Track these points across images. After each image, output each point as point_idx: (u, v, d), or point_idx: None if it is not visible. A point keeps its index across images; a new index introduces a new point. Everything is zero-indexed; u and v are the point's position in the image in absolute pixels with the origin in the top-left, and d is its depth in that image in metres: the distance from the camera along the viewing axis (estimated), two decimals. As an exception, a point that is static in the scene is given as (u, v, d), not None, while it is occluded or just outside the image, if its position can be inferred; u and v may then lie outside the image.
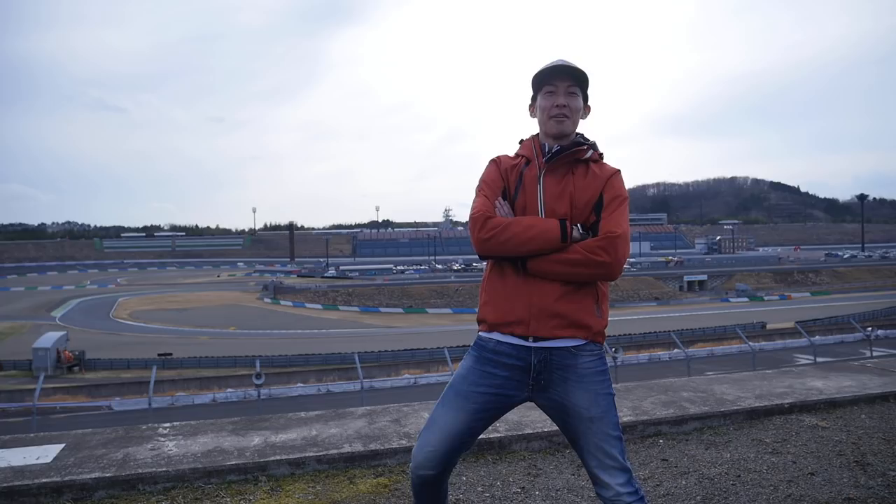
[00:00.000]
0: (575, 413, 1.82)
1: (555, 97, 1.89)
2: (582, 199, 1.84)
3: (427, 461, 1.85)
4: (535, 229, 1.79)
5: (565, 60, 1.91)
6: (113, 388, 25.86)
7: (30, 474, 2.84)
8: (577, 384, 1.81)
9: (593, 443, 1.81)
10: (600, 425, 1.80)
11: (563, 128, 1.89)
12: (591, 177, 1.87)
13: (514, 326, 1.82)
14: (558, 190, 1.85)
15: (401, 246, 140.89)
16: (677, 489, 2.88)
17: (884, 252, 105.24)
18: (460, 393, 1.87)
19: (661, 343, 31.01)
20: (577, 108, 1.90)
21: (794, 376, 4.77)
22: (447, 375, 20.66)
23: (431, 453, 1.85)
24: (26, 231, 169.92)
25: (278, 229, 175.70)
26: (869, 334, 25.56)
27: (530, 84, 1.96)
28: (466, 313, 56.44)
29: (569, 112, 1.88)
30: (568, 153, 1.87)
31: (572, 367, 1.82)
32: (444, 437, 1.84)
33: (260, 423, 3.71)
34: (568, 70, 1.88)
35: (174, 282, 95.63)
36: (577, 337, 1.81)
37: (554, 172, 1.87)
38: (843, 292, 64.79)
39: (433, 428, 1.87)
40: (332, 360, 31.66)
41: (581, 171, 1.88)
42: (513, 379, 1.84)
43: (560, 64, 1.89)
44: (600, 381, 1.83)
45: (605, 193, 1.85)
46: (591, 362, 1.83)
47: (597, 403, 1.81)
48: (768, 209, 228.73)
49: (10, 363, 34.35)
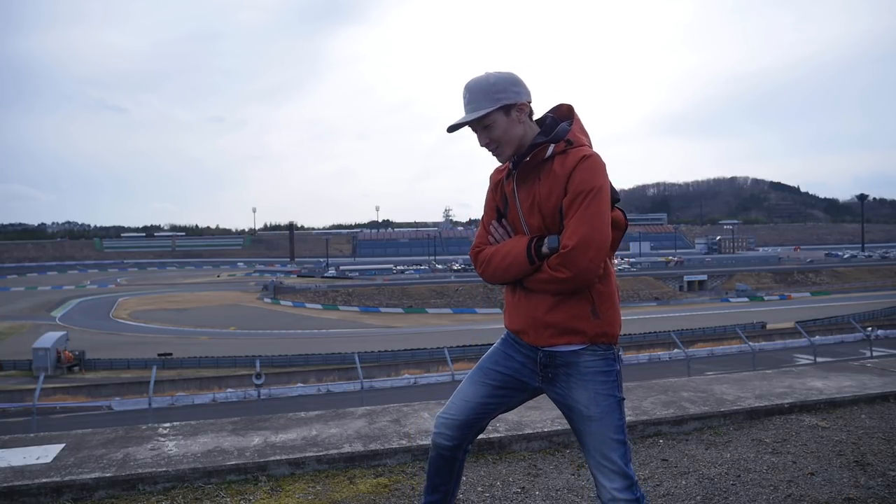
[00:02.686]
0: (576, 410, 1.83)
1: (479, 138, 1.85)
2: (548, 206, 1.78)
3: (444, 426, 1.97)
4: (509, 257, 1.84)
5: (467, 94, 1.81)
6: (113, 388, 25.86)
7: (30, 474, 2.84)
8: (579, 381, 1.82)
9: (592, 443, 1.82)
10: (600, 426, 1.80)
11: (503, 157, 1.86)
12: (552, 177, 1.77)
13: (519, 334, 1.91)
14: (528, 202, 1.83)
15: (401, 246, 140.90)
16: (677, 489, 2.88)
17: (884, 252, 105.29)
18: (482, 368, 1.99)
19: (661, 343, 31.01)
20: (500, 133, 1.81)
21: (794, 376, 4.77)
22: (447, 375, 20.69)
23: (450, 419, 1.96)
24: (26, 231, 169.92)
25: (278, 229, 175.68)
26: (869, 334, 25.58)
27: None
28: (466, 313, 56.53)
29: (495, 143, 1.83)
30: (525, 163, 1.82)
31: (574, 365, 1.83)
32: (463, 407, 1.96)
33: (260, 423, 3.71)
34: (468, 115, 1.80)
35: (174, 282, 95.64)
36: (573, 343, 1.81)
37: (524, 182, 1.84)
38: (843, 292, 64.81)
39: (455, 397, 2.00)
40: (332, 360, 31.67)
41: (545, 172, 1.79)
42: (527, 367, 1.91)
43: (455, 123, 1.81)
44: (603, 381, 1.82)
45: (568, 192, 1.74)
46: (593, 362, 1.82)
47: (596, 403, 1.80)
48: (768, 209, 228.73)
49: (10, 363, 34.36)
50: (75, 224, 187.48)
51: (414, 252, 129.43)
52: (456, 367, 20.68)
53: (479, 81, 1.81)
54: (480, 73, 1.84)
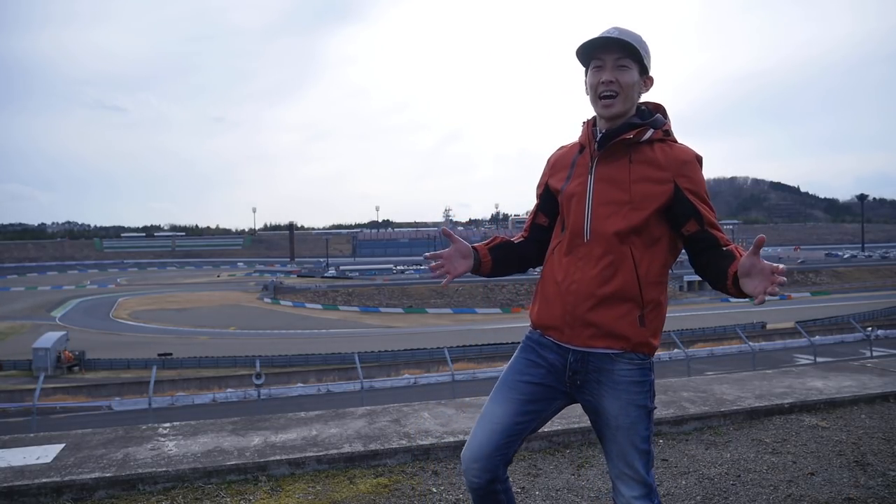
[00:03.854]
0: (604, 419, 1.71)
1: (601, 73, 1.67)
2: (639, 190, 1.65)
3: (471, 459, 1.73)
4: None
5: (616, 29, 1.66)
6: (113, 388, 25.84)
7: (30, 474, 2.84)
8: (611, 390, 1.69)
9: (616, 451, 1.71)
10: (626, 436, 1.69)
11: (613, 110, 1.67)
12: (652, 162, 1.66)
13: (551, 331, 1.75)
14: (606, 178, 1.68)
15: (401, 246, 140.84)
16: (677, 489, 2.88)
17: (884, 252, 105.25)
18: (505, 383, 1.79)
19: (662, 343, 30.90)
20: (628, 84, 1.65)
21: (794, 376, 4.77)
22: (447, 375, 20.67)
23: (477, 450, 1.73)
24: (26, 231, 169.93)
25: (278, 229, 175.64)
26: (869, 334, 25.55)
27: (577, 58, 1.73)
28: (466, 313, 56.51)
29: (618, 88, 1.65)
30: (618, 139, 1.67)
31: (608, 372, 1.69)
32: (490, 431, 1.73)
33: (260, 423, 3.71)
34: (616, 41, 1.63)
35: (174, 282, 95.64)
36: (614, 347, 1.68)
37: (608, 160, 1.69)
38: (843, 292, 64.78)
39: (480, 424, 1.77)
40: (332, 360, 31.65)
41: (640, 154, 1.67)
42: (553, 372, 1.75)
43: (605, 36, 1.64)
44: (637, 391, 1.69)
45: (683, 187, 1.64)
46: (628, 370, 1.69)
47: (626, 413, 1.68)
48: (768, 209, 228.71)
49: (10, 363, 34.31)
50: (75, 224, 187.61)
51: (414, 252, 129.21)
52: (456, 367, 20.66)
53: (632, 30, 1.67)
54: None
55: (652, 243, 1.69)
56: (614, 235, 1.65)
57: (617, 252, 1.66)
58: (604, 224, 1.67)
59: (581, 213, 1.70)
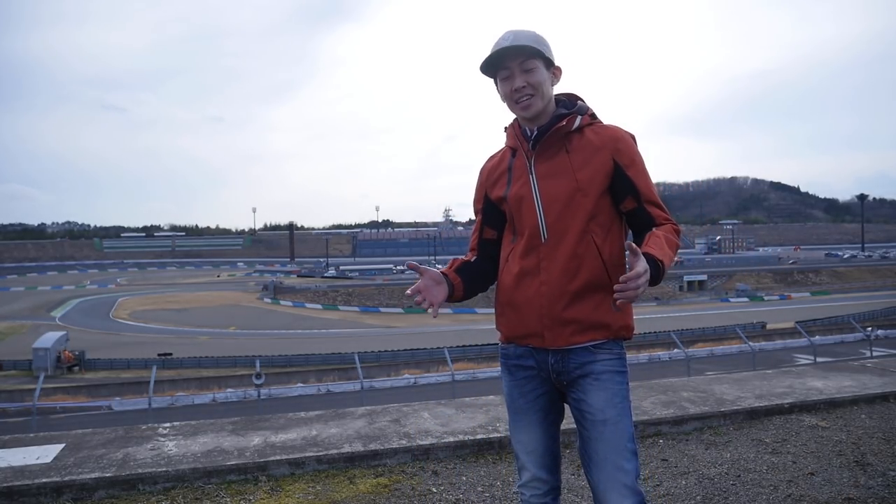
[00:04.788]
0: (589, 416, 1.66)
1: (511, 81, 1.68)
2: (584, 174, 1.65)
3: (534, 487, 1.76)
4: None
5: (511, 34, 1.67)
6: (113, 388, 25.83)
7: (30, 474, 2.84)
8: (595, 382, 1.66)
9: (603, 452, 1.63)
10: (615, 431, 1.63)
11: (533, 109, 1.68)
12: (589, 146, 1.67)
13: (529, 338, 1.71)
14: (553, 172, 1.68)
15: (401, 246, 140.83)
16: (677, 489, 2.87)
17: (884, 252, 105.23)
18: (520, 410, 1.77)
19: (661, 343, 30.96)
20: (539, 82, 1.67)
21: (794, 376, 4.76)
22: (447, 375, 20.67)
23: (535, 474, 1.76)
24: (26, 231, 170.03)
25: (278, 229, 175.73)
26: (869, 334, 25.54)
27: (482, 73, 1.74)
28: (466, 313, 56.44)
29: (532, 90, 1.67)
30: (552, 133, 1.68)
31: (589, 364, 1.66)
32: (542, 455, 1.76)
33: (260, 423, 3.71)
34: (517, 47, 1.65)
35: (174, 282, 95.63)
36: (597, 338, 1.66)
37: (544, 155, 1.69)
38: (843, 292, 64.77)
39: (522, 455, 1.78)
40: (332, 360, 31.63)
41: (575, 143, 1.68)
42: (542, 375, 1.74)
43: (505, 45, 1.65)
44: (619, 382, 1.67)
45: (621, 163, 1.66)
46: (609, 360, 1.67)
47: (612, 405, 1.64)
48: (768, 209, 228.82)
49: (10, 363, 34.30)
50: (75, 224, 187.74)
51: (414, 252, 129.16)
52: (456, 367, 20.65)
53: (524, 30, 1.69)
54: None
55: (609, 226, 1.69)
56: (574, 228, 1.65)
57: (579, 244, 1.65)
58: (560, 219, 1.66)
59: (533, 213, 1.69)
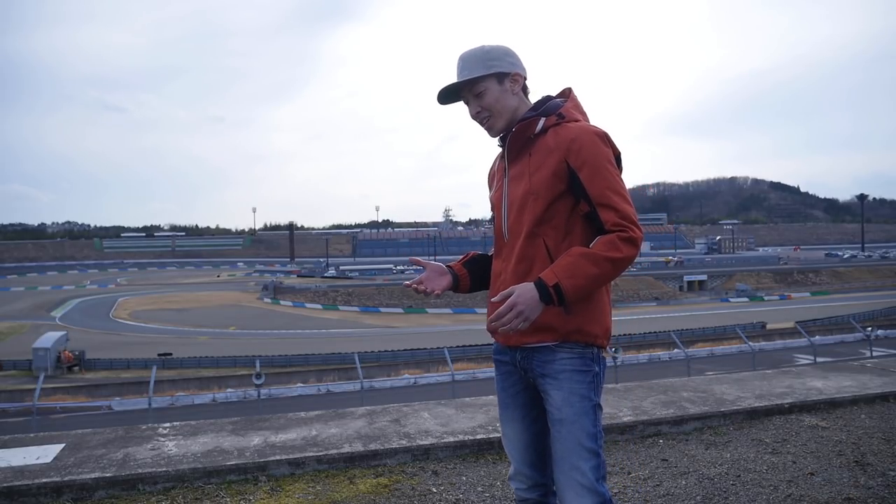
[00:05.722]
0: (549, 415, 1.68)
1: (469, 107, 1.77)
2: (537, 177, 1.67)
3: (519, 480, 1.82)
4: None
5: (460, 62, 1.74)
6: (113, 388, 25.84)
7: (30, 474, 2.84)
8: (553, 380, 1.67)
9: (560, 451, 1.64)
10: (571, 430, 1.62)
11: (496, 128, 1.76)
12: (544, 149, 1.68)
13: (496, 335, 1.80)
14: (518, 175, 1.73)
15: (401, 246, 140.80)
16: (677, 489, 2.88)
17: (884, 252, 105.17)
18: (503, 404, 1.86)
19: (661, 343, 30.98)
20: (492, 101, 1.73)
21: (794, 376, 4.76)
22: (447, 375, 20.67)
23: (520, 467, 1.81)
24: (26, 231, 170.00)
25: (278, 229, 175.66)
26: (869, 334, 25.53)
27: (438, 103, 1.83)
28: (466, 313, 56.47)
29: (486, 112, 1.74)
30: (513, 138, 1.73)
31: (550, 363, 1.68)
32: (522, 450, 1.80)
33: (260, 423, 3.71)
34: (460, 81, 1.73)
35: (174, 282, 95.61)
36: (545, 340, 1.68)
37: (514, 160, 1.76)
38: (843, 292, 64.77)
39: (510, 449, 1.84)
40: (332, 360, 31.63)
41: (538, 145, 1.71)
42: (518, 372, 1.79)
43: (447, 86, 1.75)
44: (578, 381, 1.66)
45: (572, 164, 1.63)
46: (569, 359, 1.67)
47: (569, 404, 1.64)
48: (768, 209, 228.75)
49: (10, 363, 34.29)
50: (75, 224, 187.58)
51: (414, 252, 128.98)
52: (456, 367, 20.65)
53: (474, 50, 1.75)
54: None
55: (567, 231, 1.67)
56: (524, 230, 1.69)
57: (528, 247, 1.68)
58: (516, 221, 1.72)
59: (500, 215, 1.78)
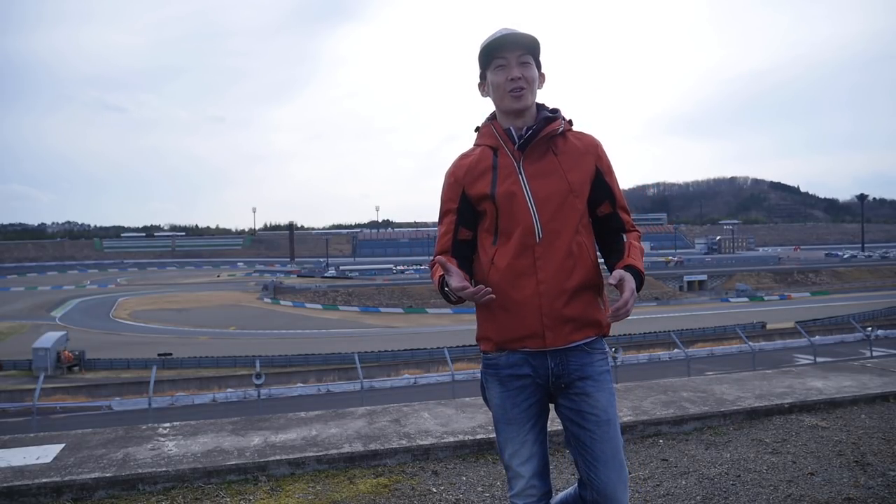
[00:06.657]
0: (593, 417, 1.65)
1: (507, 70, 1.69)
2: (576, 177, 1.70)
3: (528, 495, 1.73)
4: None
5: (511, 29, 1.71)
6: (113, 388, 25.85)
7: (30, 474, 2.84)
8: (597, 382, 1.68)
9: (611, 451, 1.64)
10: (617, 429, 1.67)
11: (524, 101, 1.70)
12: (574, 150, 1.73)
13: (526, 341, 1.68)
14: (543, 172, 1.70)
15: (401, 246, 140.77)
16: (677, 489, 2.87)
17: (884, 252, 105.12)
18: (514, 421, 1.73)
19: (661, 343, 30.98)
20: (532, 79, 1.71)
21: (794, 376, 4.76)
22: (447, 375, 20.67)
23: (531, 487, 1.72)
24: (26, 231, 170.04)
25: (278, 229, 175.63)
26: (869, 334, 25.54)
27: (477, 61, 1.76)
28: (466, 313, 56.36)
29: (525, 83, 1.69)
30: (543, 135, 1.70)
31: (588, 366, 1.68)
32: (538, 464, 1.73)
33: (260, 423, 3.71)
34: (517, 39, 1.69)
35: (174, 282, 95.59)
36: (591, 336, 1.70)
37: (532, 156, 1.70)
38: (843, 292, 64.76)
39: (521, 466, 1.73)
40: (332, 360, 31.64)
41: (561, 145, 1.73)
42: (536, 381, 1.71)
43: (507, 34, 1.69)
44: (610, 380, 1.72)
45: (601, 169, 1.75)
46: (603, 359, 1.72)
47: (612, 404, 1.68)
48: (768, 209, 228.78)
49: (10, 363, 34.31)
50: (75, 224, 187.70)
51: (414, 252, 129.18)
52: (456, 367, 20.65)
53: (527, 32, 1.73)
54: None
55: (589, 227, 1.77)
56: (569, 228, 1.69)
57: (574, 243, 1.69)
58: (554, 218, 1.67)
59: (526, 211, 1.67)
